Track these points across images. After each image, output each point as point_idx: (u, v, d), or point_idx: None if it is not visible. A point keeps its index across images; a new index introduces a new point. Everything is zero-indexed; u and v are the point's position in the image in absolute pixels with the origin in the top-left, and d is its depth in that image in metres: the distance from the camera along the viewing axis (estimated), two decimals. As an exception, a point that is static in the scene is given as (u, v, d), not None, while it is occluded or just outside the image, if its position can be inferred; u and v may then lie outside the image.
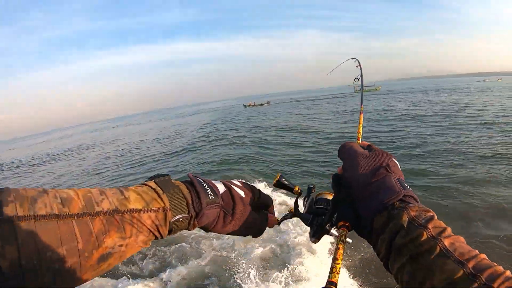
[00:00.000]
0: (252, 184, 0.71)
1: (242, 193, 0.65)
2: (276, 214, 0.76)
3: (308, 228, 0.67)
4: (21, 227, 0.35)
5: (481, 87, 48.07)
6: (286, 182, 0.71)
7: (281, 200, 6.17)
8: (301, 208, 0.72)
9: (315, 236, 0.64)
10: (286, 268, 4.08)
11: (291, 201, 5.59)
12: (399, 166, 0.62)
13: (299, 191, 0.72)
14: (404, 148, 10.78)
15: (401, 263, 0.46)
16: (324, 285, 0.45)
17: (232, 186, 0.65)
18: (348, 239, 0.60)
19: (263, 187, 7.42)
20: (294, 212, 0.71)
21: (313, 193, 0.71)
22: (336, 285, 0.46)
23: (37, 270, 0.36)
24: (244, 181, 0.71)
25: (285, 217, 0.73)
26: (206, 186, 0.59)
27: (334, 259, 0.52)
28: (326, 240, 4.43)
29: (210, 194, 0.58)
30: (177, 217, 0.53)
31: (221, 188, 0.63)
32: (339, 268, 0.50)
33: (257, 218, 0.68)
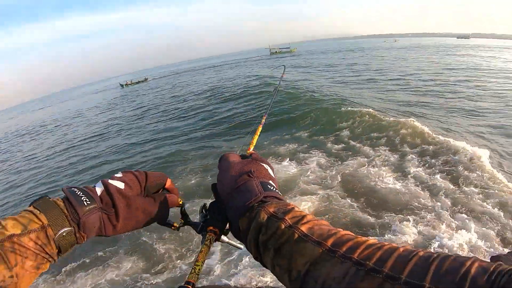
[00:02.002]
0: (138, 169, 0.68)
1: (120, 185, 0.61)
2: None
3: None
4: None
5: (379, 46, 57.10)
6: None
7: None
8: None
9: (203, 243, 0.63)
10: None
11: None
12: (270, 171, 0.65)
13: (180, 203, 0.71)
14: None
15: (269, 258, 0.47)
16: (181, 284, 0.47)
17: (110, 181, 0.61)
18: (240, 245, 0.67)
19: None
20: (185, 221, 0.70)
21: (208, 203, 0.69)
22: (193, 285, 0.49)
23: None
24: (128, 170, 0.66)
25: (180, 225, 0.71)
26: (81, 193, 0.56)
27: (195, 261, 0.54)
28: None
29: (86, 201, 0.55)
30: (60, 231, 0.50)
31: (99, 189, 0.59)
32: (199, 270, 0.52)
33: (152, 202, 0.64)
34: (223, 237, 0.64)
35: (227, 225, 0.64)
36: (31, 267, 0.46)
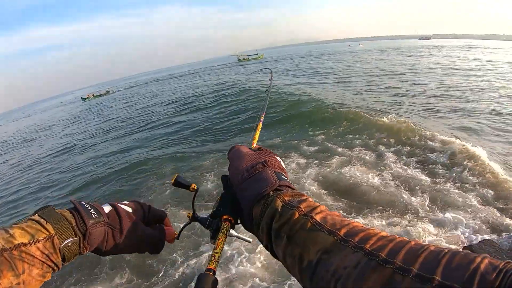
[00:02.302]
0: (141, 201, 0.71)
1: (129, 209, 0.65)
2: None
3: None
4: None
5: (344, 50, 59.00)
6: (182, 182, 0.70)
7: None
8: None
9: (214, 238, 0.62)
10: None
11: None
12: (281, 163, 0.67)
13: (195, 188, 0.71)
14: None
15: (281, 245, 0.47)
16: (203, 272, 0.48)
17: (118, 204, 0.65)
18: (248, 239, 0.70)
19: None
20: (192, 217, 0.70)
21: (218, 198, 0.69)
22: (214, 272, 0.49)
23: None
24: (133, 200, 0.71)
25: (184, 225, 0.74)
26: (89, 207, 0.59)
27: (214, 249, 0.55)
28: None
29: (94, 214, 0.58)
30: (66, 241, 0.52)
31: (106, 208, 0.62)
32: (218, 257, 0.53)
33: (151, 231, 0.67)
34: (232, 231, 0.63)
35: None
36: (37, 275, 0.48)
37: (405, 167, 5.95)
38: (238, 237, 0.67)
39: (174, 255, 4.38)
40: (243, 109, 12.70)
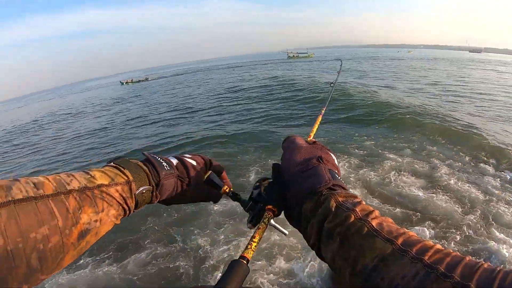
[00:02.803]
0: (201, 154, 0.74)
1: (193, 162, 0.69)
2: None
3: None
4: (1, 214, 0.36)
5: (394, 56, 56.32)
6: (214, 180, 0.71)
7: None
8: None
9: (252, 222, 0.63)
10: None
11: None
12: (335, 160, 0.66)
13: (226, 190, 0.71)
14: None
15: (332, 247, 0.47)
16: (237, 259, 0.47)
17: (184, 157, 0.69)
18: (284, 230, 0.67)
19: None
20: (235, 196, 0.71)
21: (263, 184, 0.67)
22: (248, 260, 0.48)
23: (23, 253, 0.37)
24: (195, 153, 0.73)
25: (227, 194, 0.72)
26: (161, 160, 0.62)
27: (252, 237, 0.54)
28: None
29: (166, 166, 0.62)
30: (141, 188, 0.55)
31: (174, 161, 0.66)
32: (255, 246, 0.52)
33: (213, 181, 0.70)
34: (271, 221, 0.62)
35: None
36: (113, 216, 0.50)
37: (463, 181, 5.39)
38: (275, 227, 0.66)
39: (213, 234, 4.25)
40: (303, 103, 12.52)
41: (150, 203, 0.60)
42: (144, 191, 0.56)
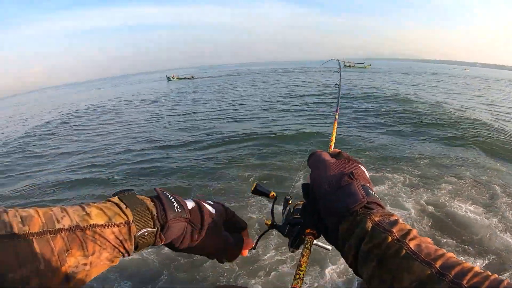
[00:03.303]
0: (227, 206, 0.70)
1: (212, 210, 0.64)
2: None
3: None
4: None
5: (449, 73, 51.34)
6: (261, 189, 0.73)
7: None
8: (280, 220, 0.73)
9: (293, 246, 0.66)
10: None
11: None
12: (366, 173, 0.64)
13: (274, 195, 0.72)
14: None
15: (369, 268, 0.47)
16: None
17: (203, 203, 0.64)
18: (327, 246, 0.68)
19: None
20: (271, 224, 0.71)
21: (290, 204, 0.73)
22: None
23: None
24: (218, 202, 0.69)
25: (263, 233, 0.73)
26: (173, 199, 0.58)
27: (298, 265, 0.55)
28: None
29: (176, 207, 0.57)
30: (143, 230, 0.51)
31: (190, 204, 0.61)
32: (303, 275, 0.52)
33: (230, 237, 0.66)
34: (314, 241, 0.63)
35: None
36: (106, 259, 0.47)
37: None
38: (317, 245, 0.67)
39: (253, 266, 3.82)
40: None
41: (154, 245, 0.55)
42: (146, 234, 0.52)
